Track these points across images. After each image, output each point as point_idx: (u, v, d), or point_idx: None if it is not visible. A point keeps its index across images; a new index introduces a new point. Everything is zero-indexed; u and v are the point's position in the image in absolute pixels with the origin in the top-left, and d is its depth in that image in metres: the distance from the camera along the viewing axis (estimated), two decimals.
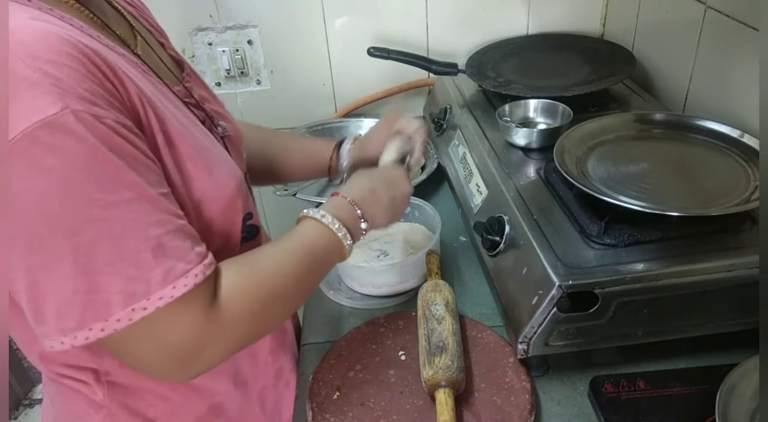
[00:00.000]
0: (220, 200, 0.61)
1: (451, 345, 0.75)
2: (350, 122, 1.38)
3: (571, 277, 0.69)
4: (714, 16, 0.96)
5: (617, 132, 0.91)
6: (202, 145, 0.60)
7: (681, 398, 0.72)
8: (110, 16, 0.63)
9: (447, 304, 0.82)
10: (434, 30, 1.34)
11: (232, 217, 0.64)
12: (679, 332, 0.74)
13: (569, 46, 1.28)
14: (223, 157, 0.65)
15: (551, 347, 0.73)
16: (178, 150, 0.57)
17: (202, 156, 0.59)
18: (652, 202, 0.73)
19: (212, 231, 0.62)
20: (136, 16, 0.71)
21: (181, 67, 0.72)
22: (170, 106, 0.59)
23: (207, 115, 0.70)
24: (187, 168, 0.57)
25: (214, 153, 0.63)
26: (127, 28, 0.66)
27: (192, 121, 0.63)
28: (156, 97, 0.56)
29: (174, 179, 0.56)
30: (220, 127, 0.71)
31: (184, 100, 0.66)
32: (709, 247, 0.73)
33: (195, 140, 0.59)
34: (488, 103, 1.14)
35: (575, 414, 0.74)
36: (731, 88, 0.94)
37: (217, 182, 0.61)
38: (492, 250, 0.83)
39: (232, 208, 0.64)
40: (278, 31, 1.32)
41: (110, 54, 0.54)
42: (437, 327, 0.78)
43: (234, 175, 0.64)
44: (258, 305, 0.58)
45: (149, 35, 0.70)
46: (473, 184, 0.98)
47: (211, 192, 0.60)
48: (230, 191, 0.63)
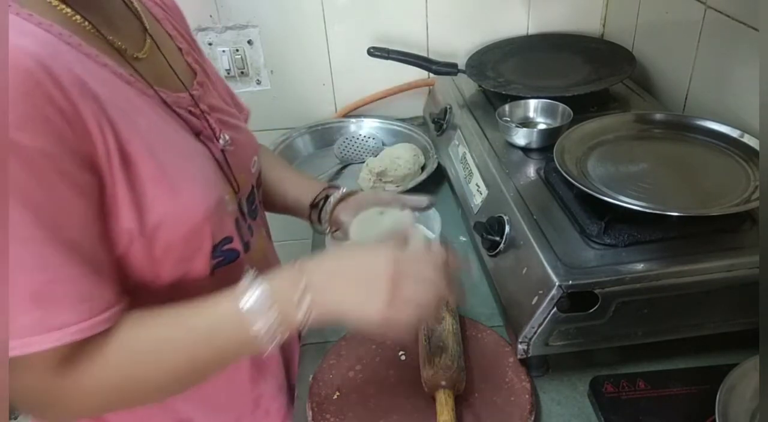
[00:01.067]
0: (182, 225, 0.58)
1: (451, 345, 0.75)
2: (350, 122, 1.38)
3: (571, 277, 0.69)
4: (714, 16, 0.96)
5: (617, 132, 0.91)
6: (171, 164, 0.58)
7: (681, 398, 0.72)
8: (116, 19, 0.62)
9: (447, 304, 0.81)
10: (434, 30, 1.34)
11: (197, 243, 0.61)
12: (679, 332, 0.74)
13: (569, 46, 1.28)
14: (201, 178, 0.61)
15: (551, 347, 0.73)
16: (139, 170, 0.54)
17: (169, 177, 0.57)
18: (652, 202, 0.73)
19: (170, 257, 0.59)
20: (160, 18, 0.70)
21: (194, 74, 0.71)
22: (143, 122, 0.57)
23: (209, 125, 0.67)
24: (146, 190, 0.55)
25: (188, 173, 0.60)
26: (138, 30, 0.65)
27: (169, 136, 0.60)
28: (124, 114, 0.54)
29: (125, 202, 0.54)
30: (221, 139, 0.68)
31: (188, 108, 0.64)
32: (709, 247, 0.73)
33: (165, 159, 0.57)
34: (488, 103, 1.14)
35: (575, 414, 0.74)
36: (731, 88, 0.94)
37: (182, 206, 0.58)
38: (492, 250, 0.83)
39: (198, 234, 0.60)
40: (278, 31, 1.32)
41: (82, 65, 0.52)
42: (437, 327, 0.78)
43: (207, 198, 0.61)
44: (114, 392, 0.55)
45: (167, 39, 0.69)
46: (473, 184, 0.98)
47: (172, 216, 0.57)
48: (197, 216, 0.59)
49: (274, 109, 1.41)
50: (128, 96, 0.57)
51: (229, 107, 0.75)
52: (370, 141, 1.35)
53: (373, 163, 1.18)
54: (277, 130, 1.37)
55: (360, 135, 1.36)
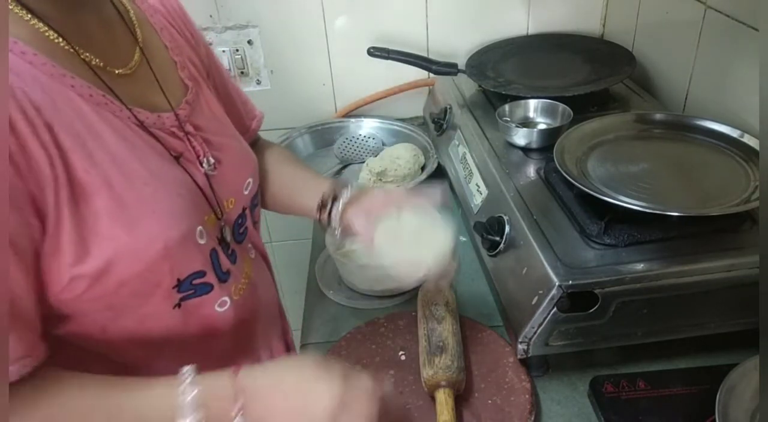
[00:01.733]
0: (137, 263, 0.56)
1: (451, 345, 0.75)
2: (350, 122, 1.38)
3: (571, 277, 0.69)
4: (714, 16, 0.96)
5: (617, 132, 0.91)
6: (134, 196, 0.55)
7: (681, 398, 0.72)
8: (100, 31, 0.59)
9: (447, 304, 0.81)
10: (434, 30, 1.34)
11: (154, 280, 0.58)
12: (679, 332, 0.75)
13: (569, 46, 1.28)
14: (165, 210, 0.58)
15: (551, 347, 0.73)
16: (93, 203, 0.52)
17: (126, 210, 0.54)
18: (652, 201, 0.73)
19: (126, 292, 0.56)
20: (159, 28, 0.68)
21: (185, 91, 0.68)
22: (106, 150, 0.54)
23: (192, 147, 0.64)
24: (99, 225, 0.52)
25: (152, 205, 0.57)
26: (127, 43, 0.62)
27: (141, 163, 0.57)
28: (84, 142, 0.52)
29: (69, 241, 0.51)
30: (205, 163, 0.65)
31: (170, 129, 0.62)
32: (709, 247, 0.73)
33: (125, 191, 0.54)
34: (488, 103, 1.14)
35: (575, 414, 0.74)
36: (731, 88, 0.94)
37: (138, 242, 0.55)
38: (492, 250, 0.83)
39: (155, 272, 0.57)
40: (278, 31, 1.32)
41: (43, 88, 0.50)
42: (437, 327, 0.78)
43: (168, 232, 0.57)
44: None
45: (161, 52, 0.67)
46: (473, 184, 0.98)
47: (126, 253, 0.54)
48: (153, 253, 0.56)
49: (274, 109, 1.40)
50: (91, 121, 0.54)
51: (223, 124, 0.72)
52: (370, 141, 1.35)
53: (373, 163, 1.18)
54: (277, 130, 1.37)
55: (360, 135, 1.36)
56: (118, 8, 0.64)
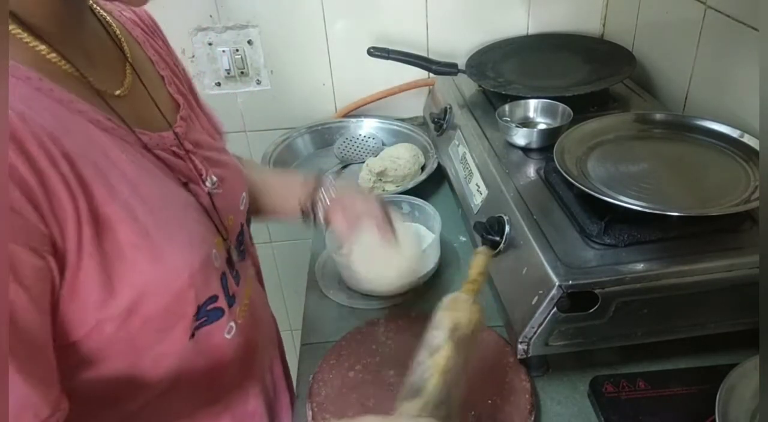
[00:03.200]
0: (164, 294, 0.53)
1: (433, 386, 0.55)
2: (350, 122, 1.38)
3: (571, 277, 0.69)
4: (714, 16, 0.96)
5: (617, 132, 0.91)
6: (154, 225, 0.52)
7: (681, 398, 0.72)
8: (95, 52, 0.56)
9: (455, 330, 0.59)
10: (434, 30, 1.34)
11: (179, 311, 0.56)
12: (679, 332, 0.74)
13: (569, 46, 1.28)
14: (186, 236, 0.56)
15: (551, 347, 0.73)
16: (116, 237, 0.49)
17: (150, 240, 0.51)
18: (652, 201, 0.73)
19: (151, 328, 0.54)
20: (141, 41, 0.65)
21: (177, 107, 0.65)
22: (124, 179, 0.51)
23: (195, 167, 0.62)
24: (124, 259, 0.49)
25: (172, 233, 0.54)
26: (118, 61, 0.59)
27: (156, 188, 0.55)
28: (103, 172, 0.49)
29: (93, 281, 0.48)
30: (208, 181, 0.63)
31: (171, 149, 0.59)
32: (709, 247, 0.72)
33: (146, 220, 0.51)
34: (488, 103, 1.14)
35: (575, 414, 0.74)
36: (731, 88, 0.94)
37: (165, 273, 0.53)
38: (492, 250, 0.83)
39: (181, 302, 0.55)
40: (278, 31, 1.32)
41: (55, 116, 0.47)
42: (426, 360, 0.57)
43: (190, 261, 0.55)
44: None
45: (148, 66, 0.64)
46: (473, 184, 0.98)
47: (153, 286, 0.52)
48: (179, 283, 0.54)
49: (274, 109, 1.41)
50: (105, 148, 0.51)
51: (212, 139, 0.70)
52: (370, 141, 1.35)
53: (373, 163, 1.18)
54: (277, 130, 1.37)
55: (360, 135, 1.36)
56: (102, 22, 0.61)
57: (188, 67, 1.34)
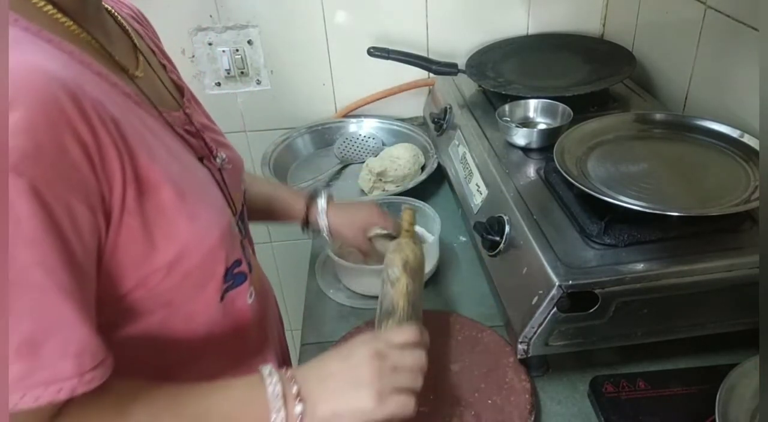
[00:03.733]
0: (199, 251, 0.56)
1: (401, 307, 0.69)
2: (350, 122, 1.38)
3: (571, 277, 0.69)
4: (714, 16, 0.96)
5: (617, 132, 0.91)
6: (187, 187, 0.55)
7: (681, 398, 0.72)
8: (112, 34, 0.60)
9: (405, 264, 0.74)
10: (434, 30, 1.34)
11: (211, 270, 0.59)
12: (679, 332, 0.74)
13: (569, 46, 1.28)
14: (211, 200, 0.61)
15: (551, 347, 0.73)
16: (159, 197, 0.52)
17: (185, 201, 0.55)
18: (652, 201, 0.73)
19: (188, 285, 0.57)
20: (142, 34, 0.68)
21: (181, 92, 0.69)
22: (158, 146, 0.54)
23: (206, 144, 0.66)
24: (166, 217, 0.53)
25: (202, 196, 0.59)
26: (130, 48, 0.63)
27: (181, 158, 0.59)
28: (142, 138, 0.52)
29: (140, 233, 0.51)
30: (218, 158, 0.67)
31: (184, 128, 0.63)
32: (709, 247, 0.73)
33: (179, 183, 0.55)
34: (488, 103, 1.14)
35: (575, 414, 0.74)
36: (731, 88, 0.94)
37: (199, 231, 0.56)
38: (492, 250, 0.83)
39: (213, 260, 0.59)
40: (278, 31, 1.32)
41: (98, 86, 0.50)
42: (389, 290, 0.71)
43: (219, 221, 0.60)
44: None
45: (152, 56, 0.67)
46: (473, 184, 0.98)
47: (191, 242, 0.55)
48: (212, 240, 0.58)
49: (274, 109, 1.41)
50: (141, 117, 0.55)
51: (213, 124, 0.73)
52: (370, 141, 1.35)
53: (373, 163, 1.18)
54: (277, 130, 1.37)
55: (360, 135, 1.36)
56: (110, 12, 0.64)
57: (188, 67, 1.34)
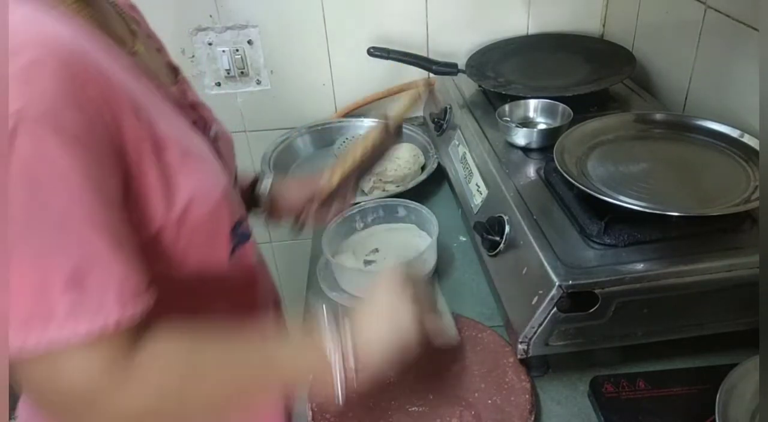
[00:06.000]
0: (206, 204, 0.60)
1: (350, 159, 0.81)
2: (350, 122, 1.38)
3: (571, 277, 0.69)
4: (714, 16, 0.96)
5: (617, 132, 0.91)
6: (190, 147, 0.60)
7: (681, 398, 0.72)
8: (110, 16, 0.63)
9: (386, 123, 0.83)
10: (434, 30, 1.34)
11: (217, 225, 0.62)
12: (680, 332, 0.74)
13: (569, 46, 1.28)
14: (210, 162, 0.64)
15: (551, 347, 0.73)
16: (169, 153, 0.55)
17: (190, 158, 0.58)
18: (652, 201, 0.73)
19: (199, 236, 0.60)
20: (139, 20, 0.70)
21: (175, 72, 0.72)
22: (164, 110, 0.59)
23: (200, 116, 0.69)
24: (175, 171, 0.56)
25: (201, 156, 0.62)
26: (126, 30, 0.65)
27: (183, 125, 0.62)
28: (148, 100, 0.56)
29: (156, 187, 0.54)
30: (212, 132, 0.70)
31: (180, 102, 0.66)
32: (710, 247, 0.72)
33: (183, 143, 0.58)
34: (488, 103, 1.14)
35: (575, 414, 0.73)
36: (731, 88, 0.94)
37: (204, 184, 0.60)
38: (492, 250, 0.83)
39: (220, 212, 0.62)
40: (278, 31, 1.32)
41: (105, 55, 0.53)
42: None
43: (219, 181, 0.63)
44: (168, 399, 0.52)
45: (147, 40, 0.69)
46: (473, 184, 0.98)
47: (198, 193, 0.59)
48: (216, 196, 0.61)
49: (274, 109, 1.41)
50: (145, 86, 0.58)
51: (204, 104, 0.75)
52: None
53: None
54: (277, 130, 1.37)
55: (360, 135, 1.36)
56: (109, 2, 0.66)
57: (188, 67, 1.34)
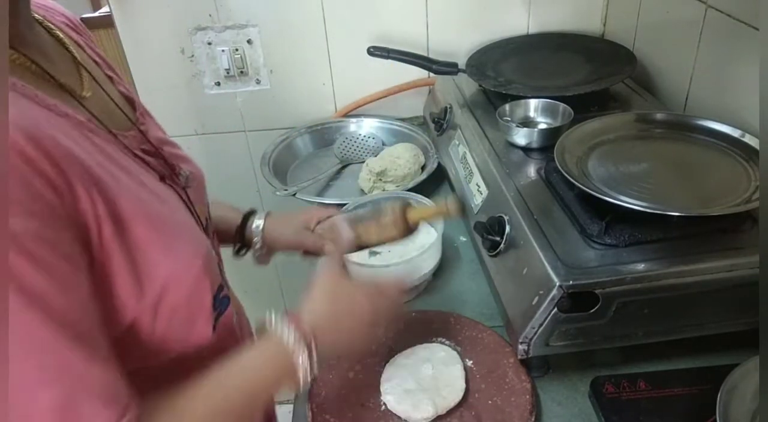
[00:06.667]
0: (184, 283, 0.54)
1: None
2: (350, 122, 1.38)
3: (571, 277, 0.69)
4: (715, 15, 0.96)
5: (618, 132, 0.91)
6: (159, 218, 0.53)
7: (682, 398, 0.72)
8: (52, 54, 0.55)
9: None
10: (434, 29, 1.34)
11: (200, 300, 0.56)
12: (680, 332, 0.74)
13: (570, 45, 1.28)
14: (186, 228, 0.58)
15: (552, 347, 0.73)
16: (133, 233, 0.49)
17: (162, 234, 0.52)
18: (653, 201, 0.73)
19: (178, 320, 0.55)
20: (81, 44, 0.62)
21: (132, 105, 0.64)
22: (122, 176, 0.51)
23: (166, 162, 0.62)
24: (144, 253, 0.50)
25: (175, 226, 0.56)
26: (72, 65, 0.57)
27: (147, 186, 0.55)
28: (105, 171, 0.49)
29: (122, 275, 0.49)
30: (182, 176, 0.63)
31: (141, 147, 0.59)
32: (710, 247, 0.72)
33: (152, 215, 0.52)
34: (488, 102, 1.14)
35: (576, 414, 0.73)
36: (732, 88, 0.94)
37: (180, 262, 0.54)
38: (492, 250, 0.83)
39: (200, 289, 0.56)
40: (278, 30, 1.32)
41: (49, 121, 0.47)
42: None
43: (199, 250, 0.57)
44: None
45: (97, 70, 0.62)
46: (473, 184, 0.98)
47: (174, 274, 0.53)
48: (196, 271, 0.55)
49: (273, 109, 1.41)
50: (98, 146, 0.51)
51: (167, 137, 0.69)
52: (370, 141, 1.35)
53: (373, 162, 1.18)
54: (277, 130, 1.37)
55: (360, 135, 1.36)
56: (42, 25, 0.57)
57: (187, 67, 1.34)
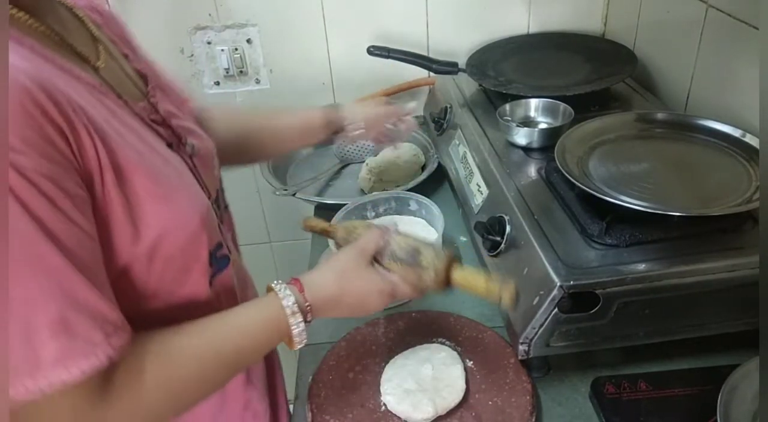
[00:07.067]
0: (180, 235, 0.57)
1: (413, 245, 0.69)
2: None
3: (572, 278, 0.68)
4: (715, 15, 0.96)
5: (618, 131, 0.91)
6: (161, 173, 0.57)
7: (682, 399, 0.72)
8: (71, 27, 0.59)
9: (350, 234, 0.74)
10: (434, 29, 1.34)
11: (195, 253, 0.60)
12: (681, 332, 0.74)
13: (570, 45, 1.28)
14: (186, 186, 0.61)
15: (552, 348, 0.72)
16: (133, 183, 0.53)
17: (161, 186, 0.56)
18: (654, 201, 0.73)
19: (172, 270, 0.58)
20: (101, 24, 0.67)
21: (145, 80, 0.68)
22: (127, 133, 0.55)
23: (174, 132, 0.65)
24: (142, 202, 0.54)
25: (176, 181, 0.59)
26: (89, 39, 0.62)
27: (152, 146, 0.59)
28: (111, 126, 0.53)
29: (121, 221, 0.52)
30: (188, 146, 0.67)
31: (150, 117, 0.63)
32: (711, 247, 0.72)
33: (153, 169, 0.56)
34: (489, 102, 1.14)
35: (576, 415, 0.73)
36: (733, 87, 0.94)
37: (178, 214, 0.57)
38: (493, 250, 0.83)
39: (196, 242, 0.59)
40: (278, 30, 1.32)
41: (62, 80, 0.51)
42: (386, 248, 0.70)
43: (198, 206, 0.60)
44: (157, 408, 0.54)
45: (113, 47, 0.66)
46: (474, 184, 0.97)
47: (171, 225, 0.56)
48: (193, 225, 0.59)
49: None
50: (108, 107, 0.55)
51: (180, 111, 0.72)
52: None
53: (373, 162, 1.18)
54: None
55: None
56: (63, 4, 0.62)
57: (187, 66, 1.34)
